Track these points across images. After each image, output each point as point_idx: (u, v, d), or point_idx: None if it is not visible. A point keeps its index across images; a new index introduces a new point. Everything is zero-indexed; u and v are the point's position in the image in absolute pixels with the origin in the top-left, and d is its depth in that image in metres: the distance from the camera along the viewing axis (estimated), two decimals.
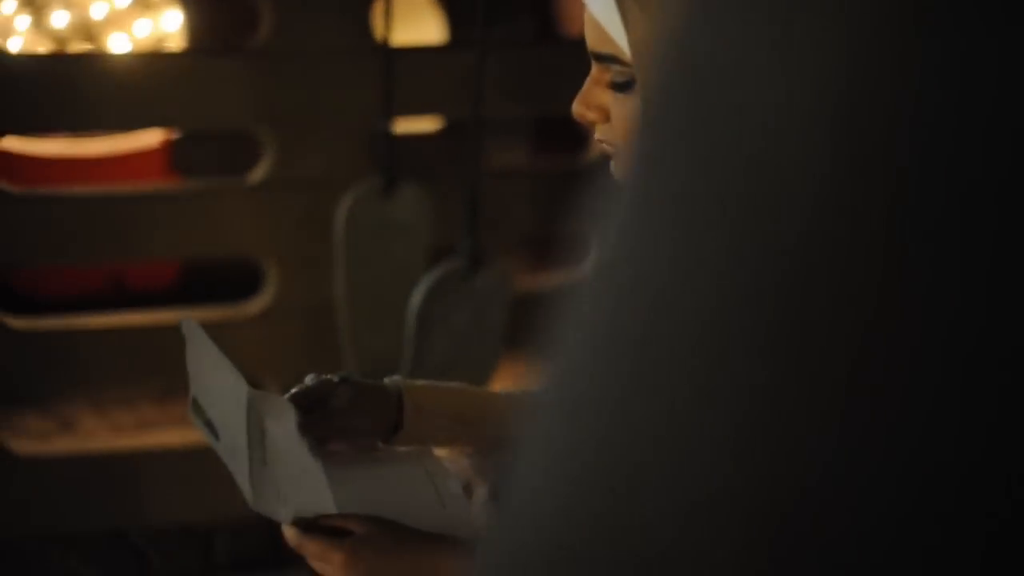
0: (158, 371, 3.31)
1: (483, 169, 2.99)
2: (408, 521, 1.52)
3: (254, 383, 1.60)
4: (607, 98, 1.37)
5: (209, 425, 1.52)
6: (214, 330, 3.15)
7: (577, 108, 1.38)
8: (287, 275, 3.27)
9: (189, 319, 1.55)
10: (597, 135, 1.39)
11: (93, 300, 3.60)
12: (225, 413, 1.54)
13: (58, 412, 3.40)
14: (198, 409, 1.53)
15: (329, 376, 1.62)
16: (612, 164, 1.38)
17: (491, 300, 3.01)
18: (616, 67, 1.35)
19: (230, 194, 3.28)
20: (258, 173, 3.24)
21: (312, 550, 1.44)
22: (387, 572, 1.45)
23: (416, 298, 2.97)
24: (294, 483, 1.54)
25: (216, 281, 3.61)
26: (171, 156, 3.90)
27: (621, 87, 1.35)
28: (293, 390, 1.59)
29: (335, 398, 1.58)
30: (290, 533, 1.44)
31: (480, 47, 2.82)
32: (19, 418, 3.26)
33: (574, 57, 1.50)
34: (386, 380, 1.63)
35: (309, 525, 1.44)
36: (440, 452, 1.68)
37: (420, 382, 1.66)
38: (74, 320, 3.24)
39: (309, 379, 1.61)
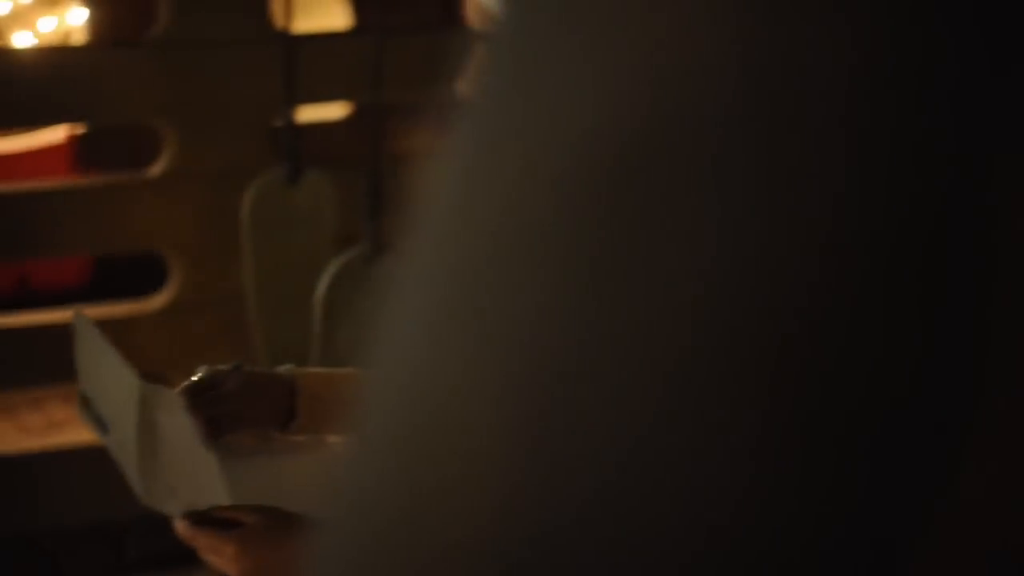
0: (65, 371, 3.25)
1: (386, 155, 2.96)
2: (306, 511, 1.49)
3: (161, 379, 1.58)
4: None
5: (99, 420, 1.51)
6: (121, 327, 3.14)
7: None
8: (193, 268, 3.23)
9: (80, 314, 1.54)
10: None
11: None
12: (115, 407, 1.53)
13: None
14: (87, 404, 1.51)
15: (221, 366, 1.62)
16: None
17: None
18: None
19: (133, 188, 3.24)
20: (160, 166, 3.19)
21: (203, 543, 1.42)
22: (277, 562, 1.43)
23: (321, 286, 2.94)
24: (186, 475, 1.53)
25: (127, 277, 3.57)
26: (77, 152, 3.84)
27: None
28: (185, 382, 1.58)
29: (224, 387, 1.59)
30: (181, 526, 1.43)
31: (379, 33, 2.80)
32: None
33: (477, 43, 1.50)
34: (280, 368, 1.62)
35: (200, 517, 1.43)
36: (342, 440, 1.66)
37: (317, 370, 1.65)
38: None
39: (201, 370, 1.60)
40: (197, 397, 1.57)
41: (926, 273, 0.41)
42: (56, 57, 3.28)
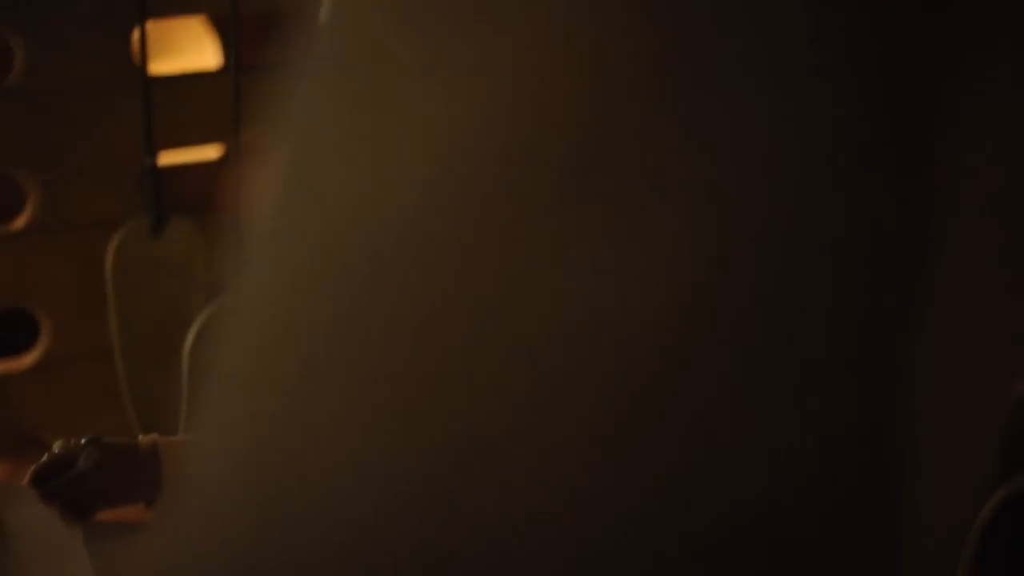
0: None
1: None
2: None
3: (34, 440, 1.47)
4: None
5: None
6: None
7: None
8: (63, 324, 3.11)
9: None
10: None
11: None
12: None
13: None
14: None
15: (75, 440, 1.55)
16: None
17: None
18: None
19: None
20: (24, 218, 3.07)
21: None
22: None
23: (189, 339, 2.82)
24: (45, 566, 1.46)
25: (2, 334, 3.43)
26: None
27: None
28: (35, 465, 1.53)
29: (80, 465, 1.52)
30: None
31: (236, 71, 2.70)
32: None
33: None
34: (141, 437, 1.53)
35: None
36: None
37: (178, 437, 1.55)
38: None
39: (56, 446, 1.51)
40: (51, 482, 1.47)
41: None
42: None
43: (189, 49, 3.60)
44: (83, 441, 1.58)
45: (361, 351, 0.45)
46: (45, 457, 1.55)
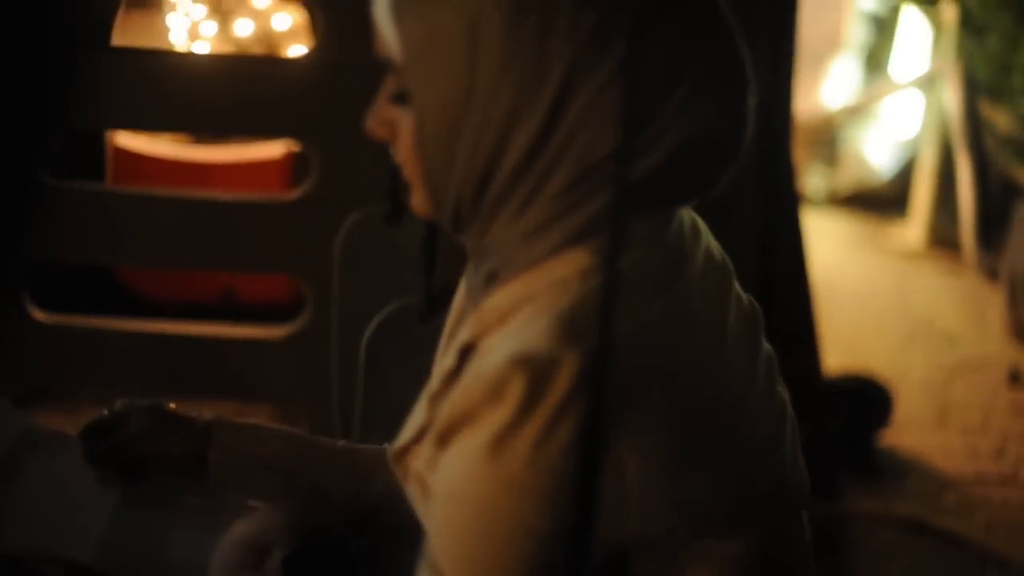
0: (169, 382, 3.20)
1: None
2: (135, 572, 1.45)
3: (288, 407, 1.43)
4: (395, 113, 1.26)
5: None
6: (248, 349, 3.03)
7: (368, 123, 1.29)
8: (322, 296, 3.09)
9: None
10: (396, 157, 1.30)
11: (204, 309, 3.54)
12: None
13: (72, 410, 3.34)
14: None
15: (133, 403, 1.57)
16: (412, 197, 1.30)
17: None
18: (396, 76, 1.26)
19: (272, 209, 3.14)
20: (300, 189, 3.11)
21: None
22: None
23: (369, 331, 2.74)
24: (50, 521, 1.48)
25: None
26: (294, 168, 3.77)
27: (400, 98, 1.26)
28: (89, 420, 1.55)
29: (130, 428, 1.53)
30: None
31: None
32: (33, 411, 3.20)
33: None
34: (200, 413, 1.51)
35: (10, 566, 1.35)
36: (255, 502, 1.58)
37: (239, 420, 1.53)
38: (96, 320, 3.18)
39: (115, 405, 1.50)
40: (97, 439, 1.52)
41: None
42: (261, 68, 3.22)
43: None
44: (141, 405, 1.57)
45: None
46: (100, 415, 1.54)
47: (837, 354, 4.31)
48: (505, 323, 1.23)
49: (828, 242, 5.95)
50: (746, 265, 3.03)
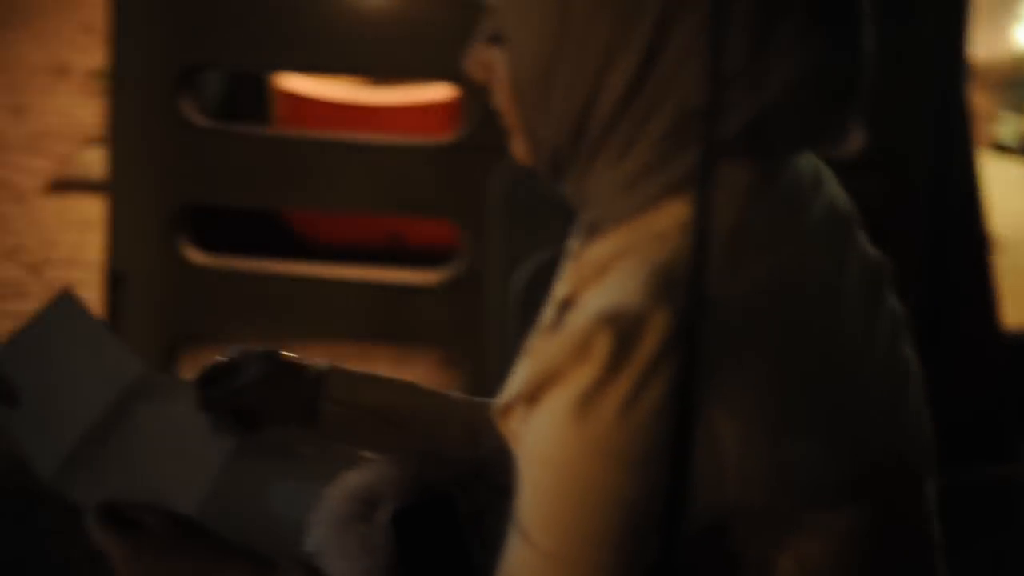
0: (327, 326, 3.21)
1: None
2: (238, 524, 1.41)
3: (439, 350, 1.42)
4: (491, 55, 1.24)
5: (5, 393, 1.44)
6: (403, 295, 3.03)
7: (466, 65, 1.27)
8: (477, 242, 3.06)
9: (69, 290, 1.53)
10: (494, 101, 1.27)
11: (372, 253, 3.54)
12: (63, 385, 1.49)
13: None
14: None
15: (248, 350, 1.57)
16: (512, 144, 1.27)
17: None
18: (492, 16, 1.24)
19: (428, 154, 3.11)
20: (457, 134, 3.08)
21: (99, 538, 1.32)
22: None
23: (519, 282, 2.71)
24: (154, 469, 1.49)
25: None
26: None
27: (495, 39, 1.23)
28: (203, 366, 1.55)
29: (245, 376, 1.53)
30: (89, 517, 1.33)
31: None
32: (191, 355, 3.22)
33: None
34: (315, 363, 1.50)
35: (110, 511, 1.32)
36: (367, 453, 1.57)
37: (354, 371, 1.54)
38: (254, 263, 3.20)
39: (230, 352, 1.56)
40: (212, 386, 1.53)
41: None
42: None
43: None
44: (257, 352, 1.56)
45: None
46: (216, 362, 1.53)
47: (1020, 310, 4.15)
48: (602, 277, 1.18)
49: (1020, 192, 5.75)
50: (915, 218, 2.93)
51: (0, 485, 2.74)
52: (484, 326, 2.94)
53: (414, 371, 3.59)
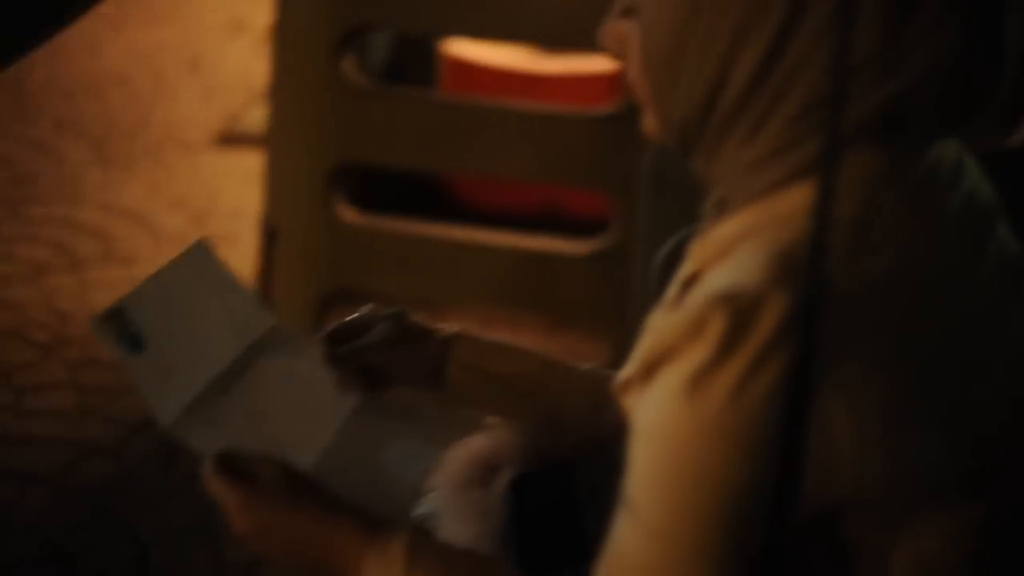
0: (478, 290, 3.22)
1: None
2: (353, 481, 1.42)
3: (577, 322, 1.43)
4: (625, 28, 1.25)
5: (131, 337, 1.45)
6: (548, 264, 3.03)
7: (600, 38, 1.28)
8: (626, 214, 3.04)
9: (204, 241, 1.55)
10: (626, 75, 1.28)
11: (529, 221, 3.55)
12: (191, 334, 1.51)
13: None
14: (120, 319, 1.46)
15: (379, 309, 1.59)
16: (643, 118, 1.27)
17: None
18: None
19: (585, 124, 3.10)
20: (611, 106, 3.05)
21: (214, 488, 1.35)
22: (276, 530, 1.34)
23: (658, 258, 2.67)
24: (273, 423, 1.51)
25: None
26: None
27: (629, 12, 1.24)
28: (332, 324, 1.57)
29: (372, 336, 1.55)
30: (206, 466, 1.35)
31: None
32: (340, 312, 3.26)
33: None
34: (443, 326, 1.53)
35: (227, 461, 1.34)
36: (491, 419, 1.59)
37: (481, 336, 1.54)
38: (407, 224, 3.22)
39: (361, 310, 1.56)
40: (339, 344, 1.55)
41: None
42: None
43: None
44: (386, 312, 1.58)
45: None
46: (346, 319, 1.56)
47: None
48: (725, 257, 1.16)
49: None
50: None
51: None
52: (629, 300, 2.93)
53: (562, 342, 3.59)
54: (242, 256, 3.88)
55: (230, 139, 4.85)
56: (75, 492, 3.00)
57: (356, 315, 1.58)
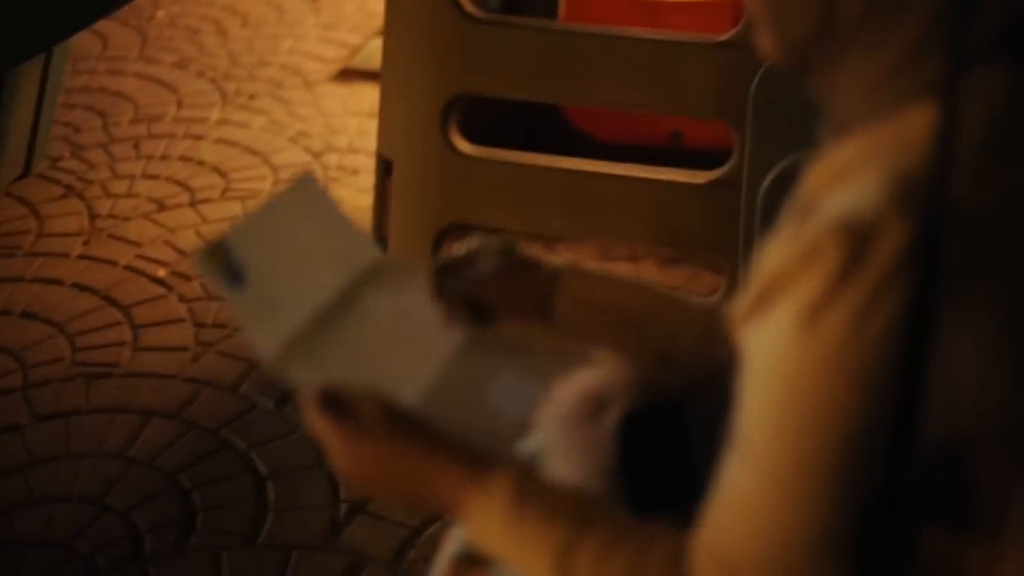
0: (595, 222, 3.16)
1: None
2: (459, 417, 1.39)
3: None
4: None
5: (233, 272, 1.43)
6: (667, 193, 2.99)
7: None
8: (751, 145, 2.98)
9: (310, 173, 1.52)
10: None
11: (652, 153, 3.48)
12: (294, 268, 1.49)
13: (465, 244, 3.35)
14: (223, 253, 1.43)
15: (490, 242, 1.57)
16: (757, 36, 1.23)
17: None
18: None
19: (703, 50, 3.02)
20: (731, 33, 2.97)
21: (315, 424, 1.32)
22: (378, 468, 1.30)
23: (765, 184, 2.61)
24: (378, 356, 1.48)
25: None
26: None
27: None
28: (440, 257, 1.55)
29: (481, 268, 1.53)
30: (307, 402, 1.32)
31: None
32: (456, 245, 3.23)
33: None
34: (552, 259, 1.50)
35: (329, 397, 1.31)
36: (601, 355, 1.53)
37: (592, 269, 1.50)
38: (523, 155, 3.17)
39: (469, 242, 1.54)
40: (446, 277, 1.52)
41: None
42: None
43: None
44: (495, 244, 1.56)
45: None
46: (454, 252, 1.53)
47: None
48: (842, 181, 1.10)
49: None
50: None
51: None
52: (741, 231, 2.86)
53: (679, 275, 3.53)
54: (361, 191, 3.87)
55: (349, 74, 4.83)
56: (193, 427, 3.01)
57: (464, 247, 1.54)
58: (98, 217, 3.88)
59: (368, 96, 4.49)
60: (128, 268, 3.63)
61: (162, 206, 3.95)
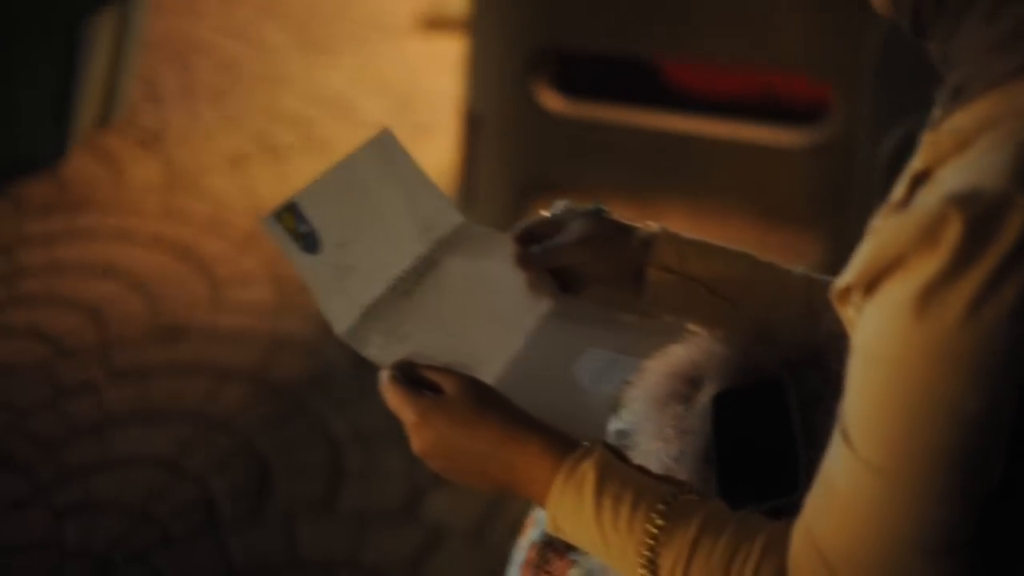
0: (687, 181, 3.08)
1: None
2: (542, 392, 1.34)
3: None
4: None
5: (306, 236, 1.36)
6: (762, 155, 2.91)
7: None
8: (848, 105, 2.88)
9: (388, 131, 1.44)
10: None
11: (743, 108, 3.39)
12: (370, 232, 1.41)
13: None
14: (293, 216, 1.36)
15: (578, 207, 1.50)
16: None
17: None
18: None
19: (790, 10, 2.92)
20: None
21: (391, 399, 1.26)
22: (456, 448, 1.25)
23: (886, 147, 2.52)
24: (458, 324, 1.42)
25: None
26: None
27: None
28: (524, 221, 1.48)
29: (568, 232, 1.45)
30: (384, 374, 1.27)
31: None
32: (542, 201, 3.16)
33: None
34: (644, 225, 1.41)
35: (406, 371, 1.26)
36: (694, 328, 1.46)
37: (687, 237, 1.44)
38: (614, 111, 3.08)
39: (556, 207, 1.50)
40: (531, 243, 1.46)
41: None
42: None
43: None
44: (583, 209, 1.49)
45: None
46: (538, 217, 1.46)
47: None
48: (962, 152, 1.01)
49: None
50: None
51: None
52: (848, 195, 2.76)
53: (774, 239, 3.43)
54: (443, 144, 3.79)
55: (433, 24, 4.76)
56: (270, 387, 2.96)
57: (550, 212, 1.46)
58: (177, 170, 3.83)
59: (452, 47, 4.42)
60: (207, 223, 3.58)
61: (241, 159, 3.90)
